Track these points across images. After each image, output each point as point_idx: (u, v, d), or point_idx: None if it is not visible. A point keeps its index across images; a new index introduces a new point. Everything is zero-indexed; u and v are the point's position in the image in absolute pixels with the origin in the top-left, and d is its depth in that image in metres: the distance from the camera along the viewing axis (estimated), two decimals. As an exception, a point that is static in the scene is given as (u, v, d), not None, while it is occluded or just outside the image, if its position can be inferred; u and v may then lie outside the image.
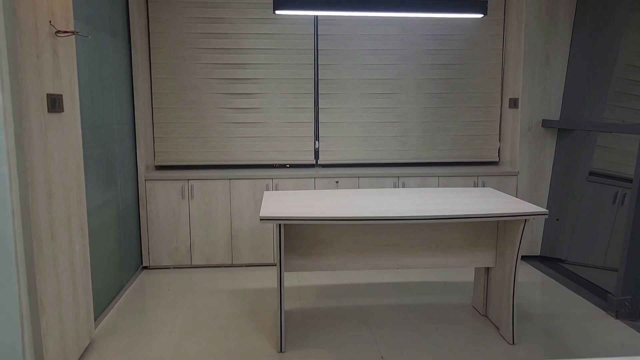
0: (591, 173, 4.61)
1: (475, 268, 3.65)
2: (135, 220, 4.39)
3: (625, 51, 4.36)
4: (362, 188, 4.58)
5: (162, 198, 4.46)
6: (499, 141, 5.00)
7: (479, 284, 3.61)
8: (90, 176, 3.38)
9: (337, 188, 4.57)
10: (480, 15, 3.12)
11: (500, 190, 4.65)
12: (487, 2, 3.09)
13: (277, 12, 3.09)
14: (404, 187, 4.59)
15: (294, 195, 3.49)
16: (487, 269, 3.49)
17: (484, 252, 3.31)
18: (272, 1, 4.69)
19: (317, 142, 4.88)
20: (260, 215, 2.85)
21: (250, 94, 4.76)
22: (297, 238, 3.22)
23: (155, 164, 4.75)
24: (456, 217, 2.86)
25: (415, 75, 4.87)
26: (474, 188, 3.75)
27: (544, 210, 2.95)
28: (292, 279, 4.32)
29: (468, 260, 3.31)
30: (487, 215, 2.88)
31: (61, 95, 2.69)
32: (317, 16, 4.74)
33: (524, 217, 2.95)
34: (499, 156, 5.01)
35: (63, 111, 2.72)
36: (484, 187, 4.55)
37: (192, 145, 4.77)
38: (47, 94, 2.54)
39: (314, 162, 4.90)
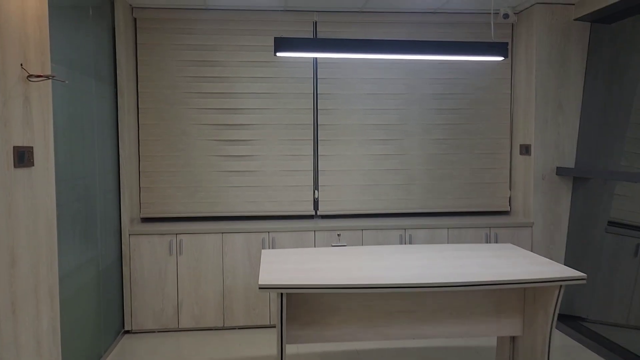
0: (610, 223, 4.30)
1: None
2: (117, 279, 3.98)
3: (642, 95, 4.13)
4: (366, 242, 4.22)
5: (147, 254, 4.07)
6: (510, 189, 4.70)
7: (503, 352, 3.22)
8: (66, 235, 3.01)
9: (339, 242, 4.22)
10: (500, 58, 2.87)
11: (515, 243, 4.31)
12: (507, 44, 2.84)
13: (278, 54, 2.81)
14: (411, 240, 4.24)
15: (295, 255, 3.13)
16: (513, 337, 3.11)
17: (510, 319, 2.95)
18: (266, 44, 4.45)
19: (316, 191, 4.56)
20: (260, 282, 2.48)
21: (244, 140, 4.46)
22: (298, 305, 2.84)
23: (142, 216, 4.38)
24: (482, 284, 2.51)
25: (419, 120, 4.61)
26: (493, 245, 3.41)
27: (580, 274, 2.61)
28: (291, 347, 3.90)
29: (492, 329, 2.94)
30: (517, 281, 2.53)
31: (32, 147, 2.35)
32: (316, 58, 4.50)
33: (559, 283, 2.60)
34: (510, 205, 4.71)
35: (33, 165, 2.37)
36: (496, 239, 4.21)
37: (181, 195, 4.42)
38: (14, 147, 2.20)
39: (314, 212, 4.56)
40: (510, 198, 4.71)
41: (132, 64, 4.24)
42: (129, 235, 4.03)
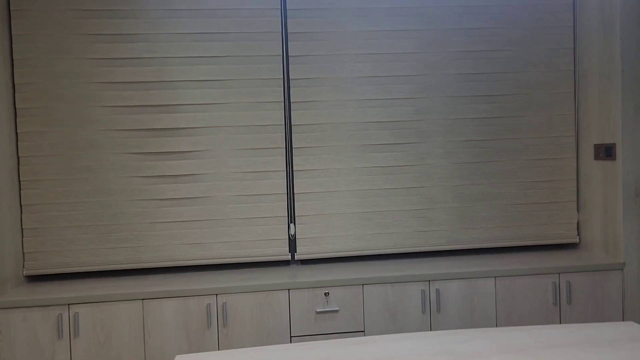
0: None
1: None
2: (-28, 381, 2.48)
3: None
4: (370, 304, 2.72)
5: (22, 339, 2.56)
6: (578, 211, 3.21)
7: None
8: None
9: (328, 305, 2.71)
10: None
11: (599, 295, 2.81)
12: None
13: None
14: (439, 298, 2.74)
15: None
16: None
17: None
18: (210, 4, 2.96)
19: (292, 225, 3.06)
20: None
21: (182, 152, 2.97)
22: None
23: (26, 273, 2.88)
24: None
25: (441, 113, 3.12)
26: (605, 325, 1.92)
27: None
28: None
29: None
30: None
31: None
32: (286, 27, 3.02)
33: None
34: (579, 235, 3.21)
35: None
36: (569, 291, 2.72)
37: (88, 239, 2.92)
38: None
39: (289, 257, 3.07)
40: (578, 224, 3.21)
41: (5, 39, 2.76)
42: (-6, 309, 2.53)
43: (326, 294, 2.70)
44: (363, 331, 2.72)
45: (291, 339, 2.69)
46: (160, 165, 2.96)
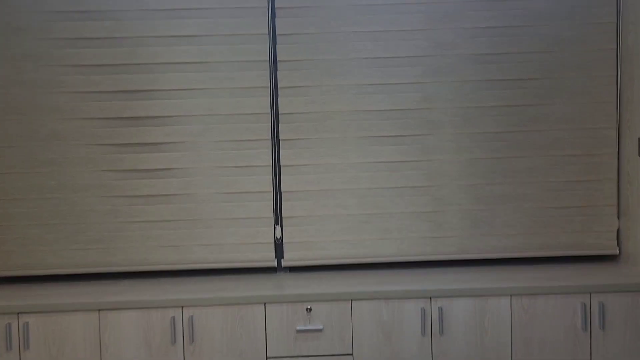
0: None
1: None
2: None
3: None
4: (358, 323, 2.32)
5: (-31, 350, 2.31)
6: (618, 217, 2.70)
7: None
8: None
9: (309, 323, 2.33)
10: None
11: (638, 317, 2.32)
12: None
13: None
14: (441, 319, 2.31)
15: None
16: None
17: None
18: (188, -23, 2.62)
19: (278, 227, 2.70)
20: None
21: (157, 144, 2.65)
22: None
23: (-16, 275, 2.64)
24: None
25: (454, 101, 2.68)
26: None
27: None
28: None
29: None
30: None
31: None
32: (273, 3, 2.64)
33: None
34: (618, 246, 2.71)
35: None
36: (603, 315, 2.25)
37: (51, 239, 2.65)
38: None
39: (275, 263, 2.71)
40: (618, 232, 2.71)
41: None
42: (-63, 316, 2.29)
43: (308, 310, 2.33)
44: (351, 354, 2.33)
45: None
46: (132, 158, 2.65)
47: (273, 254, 2.70)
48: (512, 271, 2.58)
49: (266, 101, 2.66)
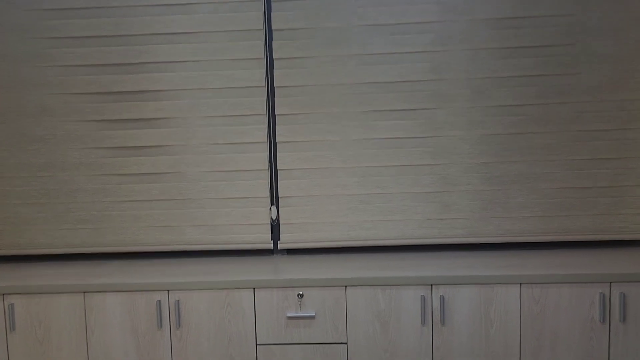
0: None
1: None
2: None
3: None
4: (353, 312, 2.17)
5: (-44, 330, 2.27)
6: (648, 200, 2.44)
7: None
8: None
9: (300, 310, 2.19)
10: None
11: (663, 314, 2.08)
12: None
13: None
14: (443, 308, 2.13)
15: None
16: None
17: None
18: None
19: (273, 207, 2.55)
20: None
21: (148, 119, 2.53)
22: None
23: (-24, 255, 2.59)
24: None
25: (466, 72, 2.44)
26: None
27: None
28: None
29: None
30: None
31: None
32: (267, -34, 2.45)
33: None
34: (647, 230, 2.45)
35: None
36: (624, 309, 2.03)
37: (42, 218, 2.58)
38: None
39: (271, 245, 2.57)
40: (648, 216, 2.45)
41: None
42: None
43: (299, 296, 2.18)
44: (345, 343, 2.18)
45: (257, 347, 2.20)
46: (121, 134, 2.53)
47: (269, 235, 2.56)
48: (524, 257, 2.36)
49: (261, 73, 2.48)
